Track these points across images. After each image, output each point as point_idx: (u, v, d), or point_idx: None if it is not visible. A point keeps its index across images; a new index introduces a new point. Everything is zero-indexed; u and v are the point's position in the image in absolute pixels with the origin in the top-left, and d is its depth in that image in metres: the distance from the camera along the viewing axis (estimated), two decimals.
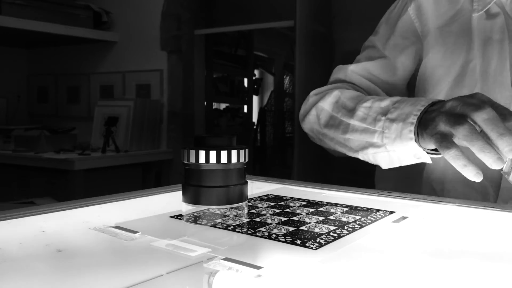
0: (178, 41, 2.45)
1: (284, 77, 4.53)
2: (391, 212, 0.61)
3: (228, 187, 0.57)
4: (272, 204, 0.65)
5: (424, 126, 0.66)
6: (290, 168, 2.04)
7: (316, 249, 0.45)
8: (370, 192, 0.75)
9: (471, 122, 0.59)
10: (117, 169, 2.24)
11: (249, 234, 0.50)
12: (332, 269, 0.41)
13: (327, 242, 0.47)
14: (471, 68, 0.81)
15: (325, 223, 0.54)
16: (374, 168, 1.06)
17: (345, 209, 0.62)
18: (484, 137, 0.58)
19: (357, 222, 0.55)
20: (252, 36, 3.81)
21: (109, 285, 0.37)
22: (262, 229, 0.52)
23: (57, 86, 2.92)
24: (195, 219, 0.57)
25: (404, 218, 0.58)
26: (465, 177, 0.60)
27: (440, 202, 0.66)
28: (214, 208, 0.60)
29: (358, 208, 0.63)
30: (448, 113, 0.63)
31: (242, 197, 0.58)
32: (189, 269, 0.40)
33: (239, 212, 0.60)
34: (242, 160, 0.57)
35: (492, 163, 0.57)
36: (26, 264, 0.42)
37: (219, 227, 0.53)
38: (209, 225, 0.54)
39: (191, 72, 2.53)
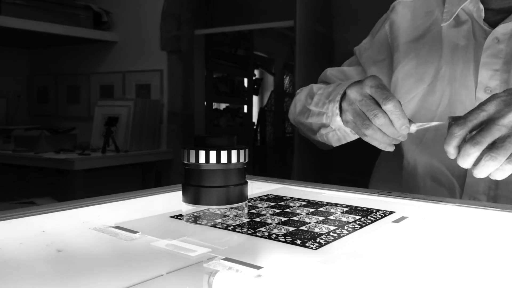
0: (178, 41, 2.45)
1: (284, 77, 4.54)
2: (391, 212, 0.61)
3: (228, 187, 0.57)
4: (272, 204, 0.65)
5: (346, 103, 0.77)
6: (290, 168, 2.04)
7: (316, 249, 0.45)
8: (370, 192, 0.75)
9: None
10: (117, 169, 2.24)
11: (249, 234, 0.50)
12: (332, 269, 0.41)
13: (327, 242, 0.47)
14: (442, 74, 0.84)
15: (325, 223, 0.54)
16: (372, 168, 1.06)
17: (345, 209, 0.62)
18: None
19: (357, 222, 0.55)
20: (252, 36, 3.81)
21: (109, 285, 0.37)
22: (262, 229, 0.52)
23: (57, 86, 2.92)
24: (195, 219, 0.57)
25: (404, 218, 0.58)
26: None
27: (440, 202, 0.66)
28: (214, 208, 0.60)
29: (358, 208, 0.63)
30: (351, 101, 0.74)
31: (242, 197, 0.58)
32: (189, 269, 0.40)
33: (239, 212, 0.60)
34: (242, 160, 0.57)
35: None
36: (26, 264, 0.42)
37: (219, 227, 0.53)
38: (209, 225, 0.54)
39: (191, 72, 2.53)
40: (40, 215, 0.58)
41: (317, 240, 0.48)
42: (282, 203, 0.65)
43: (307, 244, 0.46)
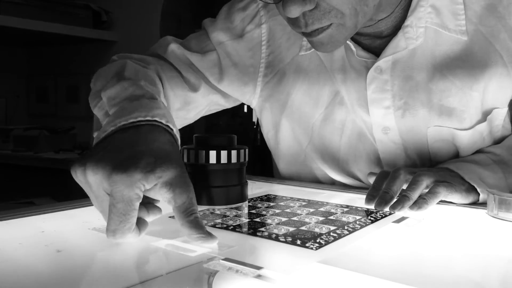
0: None
1: None
2: (391, 213, 0.61)
3: (228, 187, 0.57)
4: (272, 204, 0.65)
5: None
6: None
7: (316, 249, 0.45)
8: None
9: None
10: None
11: (249, 234, 0.50)
12: (332, 269, 0.41)
13: (327, 242, 0.47)
14: (339, 99, 0.77)
15: (325, 223, 0.54)
16: None
17: (345, 209, 0.62)
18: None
19: (357, 222, 0.55)
20: None
21: (109, 285, 0.37)
22: (262, 229, 0.52)
23: (56, 86, 2.92)
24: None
25: (404, 218, 0.58)
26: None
27: (440, 202, 0.66)
28: (214, 208, 0.60)
29: (359, 208, 0.63)
30: None
31: (242, 197, 0.58)
32: (189, 269, 0.40)
33: (239, 212, 0.60)
34: (242, 160, 0.57)
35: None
36: (26, 264, 0.41)
37: (219, 227, 0.53)
38: (209, 225, 0.53)
39: None
40: (39, 215, 0.58)
41: (317, 240, 0.48)
42: (282, 203, 0.65)
43: (307, 244, 0.46)
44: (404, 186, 0.64)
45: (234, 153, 0.56)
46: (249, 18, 0.81)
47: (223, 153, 0.55)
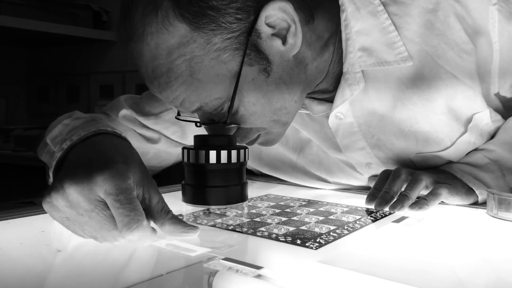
0: None
1: None
2: (391, 212, 0.61)
3: (229, 187, 0.57)
4: (272, 204, 0.65)
5: None
6: None
7: (316, 249, 0.45)
8: None
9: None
10: None
11: (249, 234, 0.50)
12: (332, 269, 0.41)
13: (327, 242, 0.47)
14: (316, 144, 0.76)
15: (325, 223, 0.54)
16: None
17: (345, 209, 0.62)
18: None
19: (357, 222, 0.55)
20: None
21: (109, 285, 0.37)
22: (262, 229, 0.52)
23: (56, 86, 2.92)
24: (195, 219, 0.56)
25: (404, 218, 0.58)
26: None
27: (440, 203, 0.66)
28: (214, 208, 0.60)
29: (359, 208, 0.63)
30: None
31: (242, 197, 0.58)
32: (189, 269, 0.40)
33: (239, 212, 0.60)
34: (242, 160, 0.57)
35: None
36: (26, 263, 0.42)
37: (219, 227, 0.53)
38: (209, 225, 0.53)
39: None
40: (40, 215, 0.58)
41: (317, 240, 0.48)
42: (282, 203, 0.65)
43: (307, 244, 0.46)
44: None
45: (234, 153, 0.56)
46: None
47: (223, 153, 0.55)
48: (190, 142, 0.71)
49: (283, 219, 0.56)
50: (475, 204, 0.66)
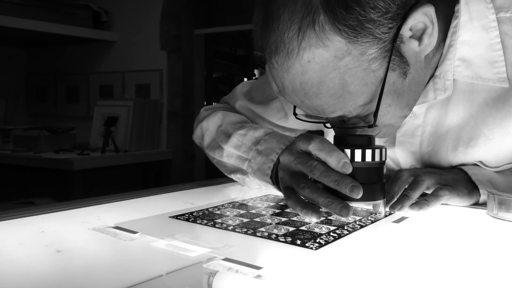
0: (178, 40, 2.45)
1: None
2: (391, 213, 0.61)
3: (372, 184, 0.56)
4: (272, 204, 0.65)
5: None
6: None
7: (316, 249, 0.45)
8: None
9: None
10: (116, 169, 2.24)
11: (249, 234, 0.50)
12: (332, 269, 0.41)
13: (327, 242, 0.47)
14: None
15: (325, 223, 0.54)
16: None
17: None
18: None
19: (357, 223, 0.55)
20: (252, 36, 3.80)
21: (109, 285, 0.37)
22: (262, 229, 0.52)
23: (56, 86, 2.92)
24: (195, 219, 0.56)
25: (404, 218, 0.58)
26: None
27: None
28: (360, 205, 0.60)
29: (358, 208, 0.63)
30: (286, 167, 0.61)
31: (382, 194, 0.58)
32: (189, 269, 0.40)
33: (376, 209, 0.59)
34: (382, 159, 0.57)
35: (340, 213, 0.53)
36: (26, 264, 0.41)
37: (218, 227, 0.53)
38: (208, 225, 0.53)
39: (190, 72, 2.53)
40: (39, 215, 0.58)
41: (317, 240, 0.48)
42: (282, 203, 0.65)
43: (307, 244, 0.46)
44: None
45: (377, 152, 0.56)
46: None
47: (368, 152, 0.55)
48: (291, 126, 0.86)
49: (283, 219, 0.56)
50: (475, 204, 0.66)
